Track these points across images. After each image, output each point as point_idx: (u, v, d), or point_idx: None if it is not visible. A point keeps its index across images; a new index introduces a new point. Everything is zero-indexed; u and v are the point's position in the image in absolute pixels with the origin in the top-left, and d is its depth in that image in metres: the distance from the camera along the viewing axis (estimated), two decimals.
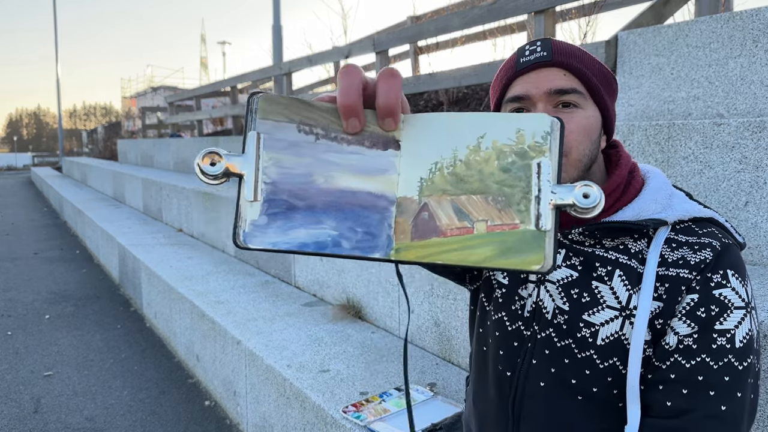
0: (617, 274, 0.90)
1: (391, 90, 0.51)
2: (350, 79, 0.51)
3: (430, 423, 1.60)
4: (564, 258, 0.95)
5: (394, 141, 0.53)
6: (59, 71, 22.61)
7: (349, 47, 5.29)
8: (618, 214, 0.91)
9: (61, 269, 5.66)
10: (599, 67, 0.92)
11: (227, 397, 2.64)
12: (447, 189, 0.52)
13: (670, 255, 0.87)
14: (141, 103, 25.59)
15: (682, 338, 0.84)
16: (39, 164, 32.90)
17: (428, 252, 0.51)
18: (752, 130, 1.63)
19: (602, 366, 0.89)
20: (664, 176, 0.98)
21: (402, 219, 0.52)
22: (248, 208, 0.51)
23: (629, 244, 0.91)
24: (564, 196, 0.50)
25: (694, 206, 0.92)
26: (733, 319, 0.82)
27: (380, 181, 0.53)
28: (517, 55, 0.92)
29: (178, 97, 10.87)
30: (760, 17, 1.95)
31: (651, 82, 2.29)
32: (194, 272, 3.62)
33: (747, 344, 0.82)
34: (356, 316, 2.62)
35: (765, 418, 1.14)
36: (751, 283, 0.88)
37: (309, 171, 0.52)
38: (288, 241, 0.51)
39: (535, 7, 3.11)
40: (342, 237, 0.51)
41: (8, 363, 3.28)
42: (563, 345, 0.92)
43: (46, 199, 12.45)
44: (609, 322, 0.89)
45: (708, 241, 0.87)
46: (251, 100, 0.53)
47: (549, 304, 0.95)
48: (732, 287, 0.83)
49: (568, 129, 0.86)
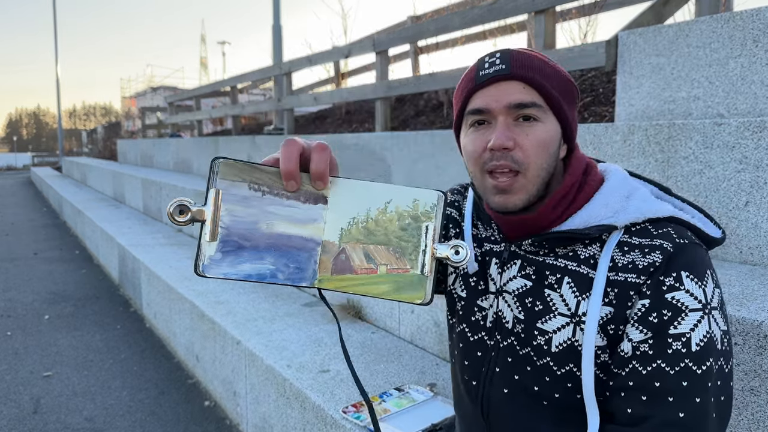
0: (566, 282, 0.90)
1: (321, 160, 0.67)
2: (290, 150, 0.67)
3: (430, 423, 1.60)
4: (519, 269, 0.96)
5: (323, 197, 0.69)
6: (59, 71, 22.61)
7: (349, 47, 5.28)
8: (566, 223, 0.91)
9: (60, 269, 5.66)
10: (559, 76, 0.91)
11: (227, 398, 2.64)
12: (360, 239, 0.69)
13: (620, 259, 0.87)
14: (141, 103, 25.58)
15: (636, 344, 0.83)
16: (39, 164, 32.88)
17: (343, 284, 0.69)
18: (752, 130, 1.63)
19: (560, 372, 0.90)
20: (623, 174, 0.97)
21: (325, 257, 0.69)
22: (207, 246, 0.68)
23: (579, 250, 0.91)
24: (442, 252, 0.68)
25: (651, 206, 0.90)
26: (688, 322, 0.80)
27: (310, 228, 0.69)
28: (476, 68, 0.92)
29: (177, 97, 10.87)
30: (760, 17, 1.95)
31: (651, 82, 2.29)
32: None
33: (706, 347, 0.80)
34: (356, 317, 2.62)
35: (766, 419, 1.14)
36: (716, 280, 0.85)
37: (255, 219, 0.69)
38: (237, 272, 0.68)
39: (535, 7, 3.11)
40: (278, 270, 0.68)
41: (8, 363, 3.27)
42: (524, 353, 0.94)
43: (46, 199, 12.45)
44: (561, 329, 0.89)
45: (659, 243, 0.85)
46: (214, 163, 0.68)
47: (508, 314, 0.96)
48: (686, 289, 0.81)
49: (527, 146, 0.88)
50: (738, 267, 1.61)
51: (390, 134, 3.39)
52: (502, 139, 0.86)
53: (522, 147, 0.87)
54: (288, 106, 6.24)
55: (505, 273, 0.98)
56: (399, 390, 1.84)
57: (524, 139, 0.87)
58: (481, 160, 0.90)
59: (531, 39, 3.90)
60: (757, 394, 1.15)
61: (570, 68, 2.90)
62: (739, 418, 1.18)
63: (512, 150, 0.87)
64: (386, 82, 4.53)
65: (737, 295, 1.32)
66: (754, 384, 1.15)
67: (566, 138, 0.93)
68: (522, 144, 0.87)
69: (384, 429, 1.58)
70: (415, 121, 4.91)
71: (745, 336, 1.16)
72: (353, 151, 3.77)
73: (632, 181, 0.96)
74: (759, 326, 1.14)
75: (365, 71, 7.54)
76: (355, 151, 3.75)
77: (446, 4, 6.14)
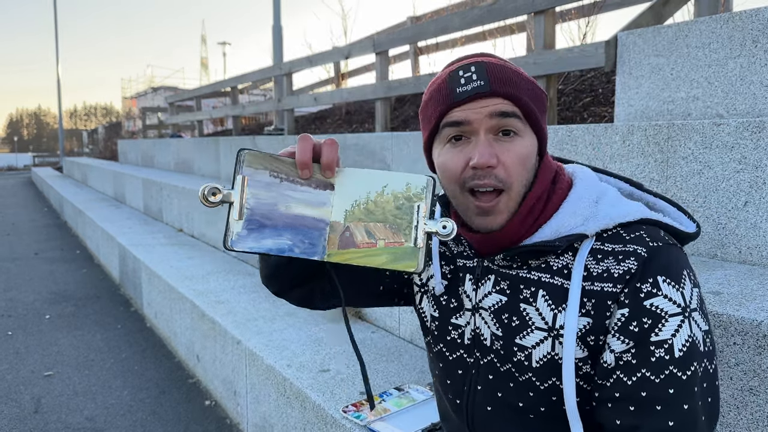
0: (541, 295, 0.89)
1: (331, 153, 0.81)
2: (305, 143, 0.81)
3: (430, 423, 1.60)
4: (493, 284, 0.94)
5: (330, 185, 0.82)
6: (60, 71, 22.62)
7: (349, 48, 5.29)
8: (536, 235, 0.89)
9: (61, 269, 5.67)
10: (531, 86, 0.89)
11: (227, 397, 2.64)
12: (361, 218, 0.81)
13: (594, 268, 0.85)
14: (141, 104, 25.60)
15: (619, 355, 0.82)
16: (39, 164, 32.91)
17: (348, 257, 0.81)
18: (752, 131, 1.63)
19: (543, 387, 0.89)
20: (592, 177, 0.95)
21: (333, 235, 0.81)
22: (235, 224, 0.81)
23: (552, 261, 0.89)
24: (431, 227, 0.80)
25: (621, 209, 0.88)
26: (669, 328, 0.79)
27: (320, 210, 0.82)
28: (449, 82, 0.88)
29: (178, 98, 10.87)
30: (759, 17, 1.95)
31: (650, 82, 2.29)
32: (195, 272, 3.63)
33: (689, 351, 0.79)
34: (356, 316, 2.62)
35: (765, 418, 1.15)
36: (694, 279, 0.84)
37: (275, 201, 0.81)
38: (260, 246, 0.80)
39: (535, 8, 3.12)
40: (294, 245, 0.81)
41: (9, 363, 3.28)
42: (505, 370, 0.92)
43: (47, 200, 12.46)
44: (540, 344, 0.88)
45: (633, 249, 0.83)
46: (240, 153, 0.82)
47: (486, 331, 0.95)
48: (664, 294, 0.80)
49: (509, 162, 0.87)
50: (737, 267, 1.62)
51: (390, 134, 3.40)
52: (486, 157, 0.84)
53: (504, 164, 0.86)
54: (288, 107, 6.25)
55: (479, 289, 0.96)
56: (399, 389, 1.84)
57: (506, 155, 0.86)
58: (461, 178, 0.88)
59: (531, 39, 3.91)
60: (756, 394, 1.15)
61: (569, 68, 2.91)
62: (738, 418, 1.19)
63: (495, 168, 0.85)
64: (386, 82, 4.53)
65: (736, 295, 1.32)
66: (753, 384, 1.16)
67: (541, 150, 0.91)
68: (504, 161, 0.86)
69: (384, 429, 1.59)
70: (415, 121, 4.92)
71: (745, 336, 1.16)
72: (353, 151, 3.77)
73: (600, 184, 0.94)
74: (758, 326, 1.14)
75: (365, 72, 7.55)
76: (355, 151, 3.76)
77: (446, 5, 6.14)
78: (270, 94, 12.15)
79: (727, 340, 1.19)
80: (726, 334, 1.19)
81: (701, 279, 1.48)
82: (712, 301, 1.27)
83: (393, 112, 5.55)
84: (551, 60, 2.97)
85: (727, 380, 1.19)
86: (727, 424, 1.20)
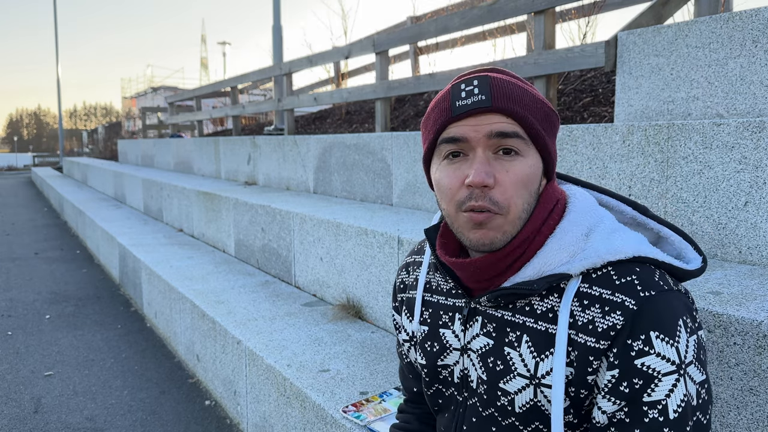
0: (524, 340, 0.84)
1: None
2: None
3: None
4: (480, 326, 0.91)
5: None
6: (59, 71, 22.62)
7: (349, 47, 5.28)
8: (519, 274, 0.84)
9: (61, 269, 5.67)
10: (540, 105, 0.84)
11: (227, 397, 2.64)
12: None
13: (580, 316, 0.80)
14: (141, 104, 25.59)
15: (611, 414, 0.78)
16: (39, 164, 32.87)
17: None
18: (752, 131, 1.63)
19: (526, 431, 0.86)
20: (587, 205, 0.88)
21: None
22: None
23: (536, 304, 0.84)
24: None
25: (612, 245, 0.81)
26: (663, 388, 0.75)
27: None
28: (451, 96, 0.84)
29: (178, 98, 10.86)
30: (759, 17, 1.95)
31: (650, 82, 2.29)
32: (195, 272, 3.63)
33: (684, 411, 0.75)
34: (356, 316, 2.62)
35: (765, 418, 1.15)
36: (691, 326, 0.78)
37: None
38: None
39: (535, 8, 3.11)
40: None
41: (9, 363, 3.28)
42: (488, 414, 0.90)
43: (47, 199, 12.46)
44: (522, 390, 0.85)
45: (621, 300, 0.77)
46: None
47: (473, 373, 0.93)
48: (656, 353, 0.74)
49: (507, 184, 0.81)
50: (737, 267, 1.62)
51: (390, 134, 3.40)
52: (481, 176, 0.79)
53: (502, 185, 0.81)
54: (288, 107, 6.25)
55: (468, 331, 0.93)
56: (399, 390, 1.84)
57: (504, 175, 0.81)
58: (456, 198, 0.83)
59: (530, 39, 3.91)
60: (756, 394, 1.15)
61: (569, 69, 2.91)
62: (738, 418, 1.19)
63: (492, 188, 0.80)
64: (386, 82, 4.53)
65: (736, 295, 1.32)
66: (753, 384, 1.16)
67: (547, 172, 0.87)
68: (502, 182, 0.81)
69: (384, 429, 1.59)
70: (415, 121, 4.92)
71: (745, 336, 1.16)
72: (353, 151, 3.77)
73: (597, 211, 0.87)
74: (758, 326, 1.14)
75: (365, 71, 7.55)
76: (355, 151, 3.76)
77: (446, 5, 6.14)
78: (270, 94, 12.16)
79: (727, 340, 1.19)
80: (726, 334, 1.19)
81: (702, 279, 1.48)
82: (712, 301, 1.27)
83: (393, 112, 5.55)
84: (551, 60, 2.97)
85: (727, 380, 1.19)
86: (727, 424, 1.21)
